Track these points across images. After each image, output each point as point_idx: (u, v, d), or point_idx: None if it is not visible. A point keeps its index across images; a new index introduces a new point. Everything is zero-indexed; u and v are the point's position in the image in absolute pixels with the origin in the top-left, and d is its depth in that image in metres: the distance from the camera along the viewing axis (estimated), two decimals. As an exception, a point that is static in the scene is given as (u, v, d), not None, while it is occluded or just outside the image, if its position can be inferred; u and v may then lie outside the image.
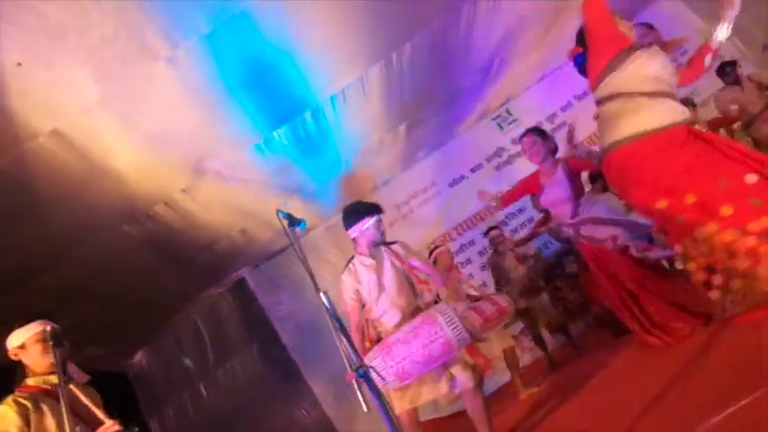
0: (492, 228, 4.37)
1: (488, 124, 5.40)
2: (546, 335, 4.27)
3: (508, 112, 5.40)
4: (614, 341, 3.37)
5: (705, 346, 2.10)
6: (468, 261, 5.12)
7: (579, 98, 5.27)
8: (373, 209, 2.48)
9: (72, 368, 1.86)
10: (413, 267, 2.47)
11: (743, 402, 1.40)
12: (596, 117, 2.05)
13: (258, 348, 4.83)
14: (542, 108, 5.28)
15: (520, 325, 4.52)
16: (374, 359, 2.14)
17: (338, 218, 5.50)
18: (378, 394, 1.40)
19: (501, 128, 5.40)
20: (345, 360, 1.44)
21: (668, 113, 1.85)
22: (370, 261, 2.43)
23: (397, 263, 2.45)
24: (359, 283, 2.40)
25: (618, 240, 2.49)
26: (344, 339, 1.49)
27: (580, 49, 2.08)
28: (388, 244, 2.53)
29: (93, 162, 2.65)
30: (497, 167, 5.29)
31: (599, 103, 2.01)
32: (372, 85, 3.51)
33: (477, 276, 5.00)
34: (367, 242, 2.45)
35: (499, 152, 5.33)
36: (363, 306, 2.43)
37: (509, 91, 5.22)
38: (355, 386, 1.39)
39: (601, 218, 2.60)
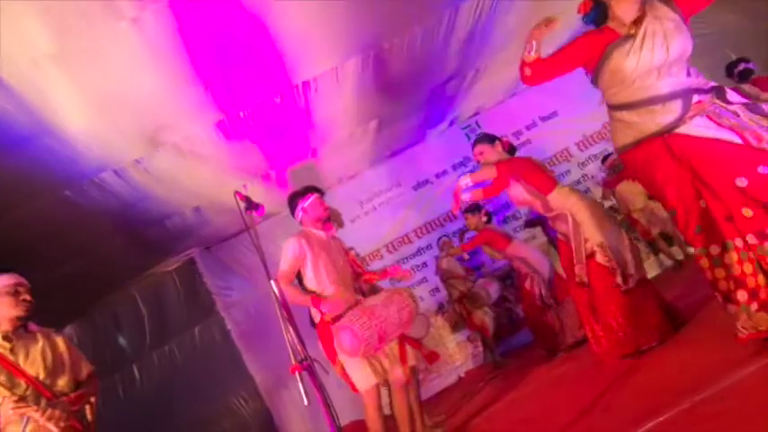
0: (444, 236, 4.54)
1: (457, 132, 5.51)
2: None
3: (477, 123, 5.53)
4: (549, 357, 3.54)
5: (636, 363, 2.24)
6: (425, 264, 5.19)
7: (544, 119, 5.49)
8: (312, 188, 2.52)
9: (33, 327, 1.83)
10: (354, 259, 2.60)
11: (662, 418, 1.50)
12: None
13: (200, 333, 4.66)
14: (510, 123, 5.44)
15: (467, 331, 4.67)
16: (358, 319, 2.09)
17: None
18: (320, 388, 1.39)
19: (468, 138, 5.51)
20: (291, 351, 1.42)
21: None
22: (319, 234, 2.42)
23: (343, 253, 2.52)
24: (309, 251, 2.31)
25: (587, 244, 2.45)
26: (292, 330, 1.47)
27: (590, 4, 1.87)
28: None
29: (38, 118, 2.47)
30: (462, 176, 5.39)
31: None
32: (347, 78, 3.48)
33: (430, 280, 5.08)
34: (313, 219, 2.45)
35: (465, 161, 5.45)
36: (298, 278, 2.36)
37: (480, 103, 5.34)
38: (298, 378, 1.38)
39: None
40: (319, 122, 3.88)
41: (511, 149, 2.88)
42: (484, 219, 3.90)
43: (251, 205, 1.79)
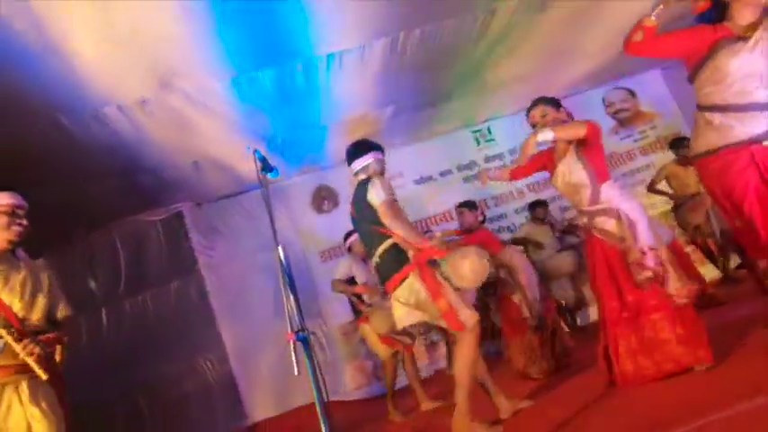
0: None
1: (467, 135, 5.46)
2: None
3: (489, 130, 5.49)
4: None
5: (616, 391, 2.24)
6: (411, 259, 5.16)
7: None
8: (376, 145, 2.56)
9: (20, 254, 1.73)
10: None
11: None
12: None
13: (177, 289, 4.55)
14: (520, 136, 5.35)
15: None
16: (477, 253, 2.12)
17: (300, 179, 5.39)
18: (312, 361, 1.35)
19: (478, 142, 5.48)
20: (288, 319, 1.37)
21: None
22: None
23: None
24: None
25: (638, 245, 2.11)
26: (292, 298, 1.42)
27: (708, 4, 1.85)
28: None
29: (50, 39, 2.35)
30: (465, 179, 5.36)
31: None
32: (373, 58, 3.39)
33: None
34: (376, 171, 2.53)
35: (471, 165, 5.41)
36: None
37: (495, 110, 5.29)
38: (291, 347, 1.34)
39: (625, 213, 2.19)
40: (336, 99, 3.78)
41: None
42: (480, 218, 3.69)
43: (266, 166, 1.72)
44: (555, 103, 2.48)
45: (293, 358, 1.33)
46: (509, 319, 3.48)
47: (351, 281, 3.67)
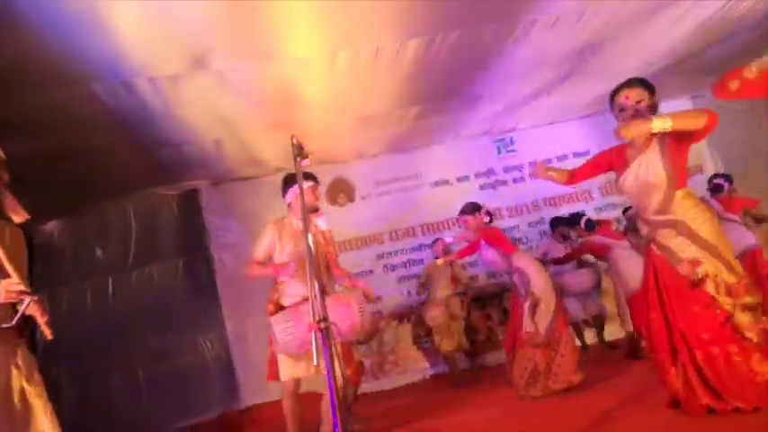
0: (437, 240, 4.48)
1: (489, 143, 5.44)
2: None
3: (511, 140, 5.46)
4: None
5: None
6: (422, 261, 5.10)
7: (577, 155, 5.42)
8: (308, 175, 2.55)
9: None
10: (332, 253, 2.58)
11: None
12: None
13: (185, 265, 4.57)
14: (541, 150, 5.34)
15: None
16: (285, 321, 2.25)
17: (317, 168, 5.34)
18: (330, 352, 1.35)
19: (498, 151, 5.46)
20: (311, 309, 1.37)
21: None
22: (299, 226, 2.48)
23: (322, 243, 2.53)
24: (279, 239, 2.48)
25: (698, 268, 1.87)
26: (317, 287, 1.41)
27: None
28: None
29: (96, 14, 2.35)
30: (482, 187, 5.34)
31: None
32: (407, 56, 3.36)
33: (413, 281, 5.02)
34: (299, 208, 2.45)
35: (489, 173, 5.39)
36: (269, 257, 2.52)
37: (520, 121, 5.26)
38: (313, 337, 1.34)
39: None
40: (364, 94, 3.76)
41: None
42: (486, 219, 3.40)
43: (301, 153, 1.71)
44: (651, 89, 2.05)
45: (313, 348, 1.34)
46: (512, 331, 3.29)
47: None
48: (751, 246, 3.82)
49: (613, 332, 4.37)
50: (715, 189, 4.22)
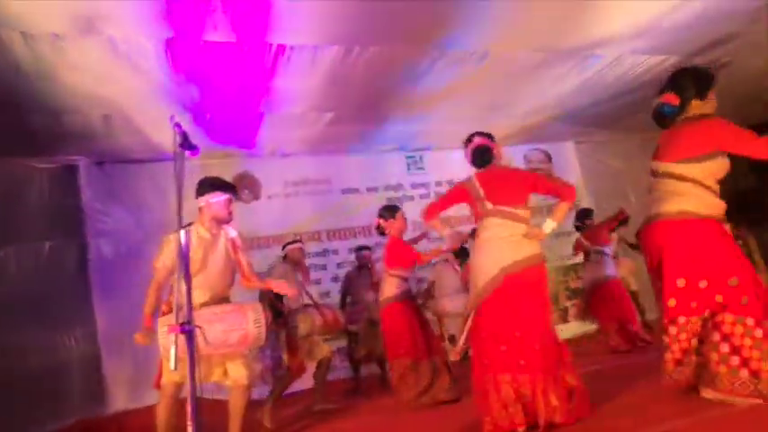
0: (365, 248, 4.49)
1: (400, 159, 5.64)
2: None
3: (421, 158, 5.72)
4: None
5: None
6: (324, 267, 5.12)
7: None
8: (229, 187, 2.51)
9: None
10: (242, 262, 2.55)
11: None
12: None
13: (51, 250, 3.98)
14: (450, 171, 5.66)
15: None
16: (168, 323, 2.13)
17: (222, 161, 5.08)
18: (193, 356, 1.27)
19: (408, 168, 5.68)
20: (175, 310, 1.29)
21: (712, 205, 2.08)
22: (206, 235, 2.44)
23: (231, 251, 2.50)
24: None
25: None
26: (185, 288, 1.33)
27: (676, 101, 2.13)
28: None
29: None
30: (389, 199, 5.49)
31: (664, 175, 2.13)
32: (323, 61, 3.37)
33: (324, 284, 5.02)
34: (211, 216, 2.46)
35: (398, 187, 5.58)
36: (172, 273, 2.37)
37: (431, 143, 5.53)
38: (172, 339, 1.25)
39: None
40: (277, 91, 3.69)
41: None
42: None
43: (186, 143, 1.60)
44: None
45: (172, 352, 1.25)
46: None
47: None
48: (608, 276, 4.43)
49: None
50: (578, 229, 4.82)
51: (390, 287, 3.32)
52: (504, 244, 2.24)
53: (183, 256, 1.41)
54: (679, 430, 1.81)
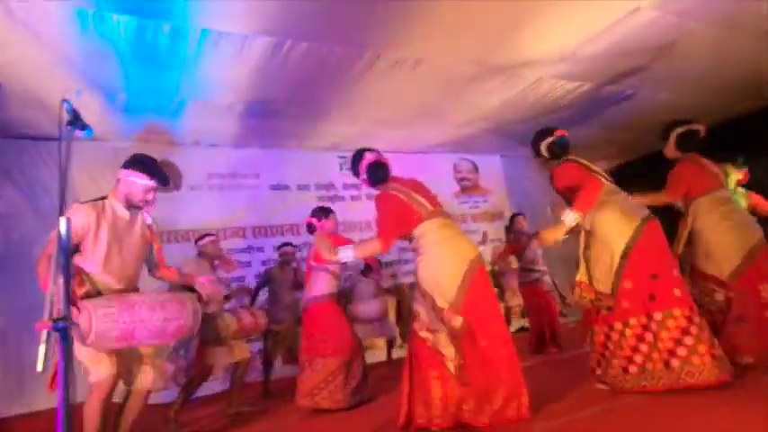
0: (288, 244, 4.34)
1: (332, 158, 5.59)
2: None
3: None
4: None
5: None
6: (249, 264, 4.91)
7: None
8: (163, 177, 2.27)
9: None
10: (161, 251, 2.38)
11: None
12: None
13: None
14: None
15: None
16: (106, 306, 1.92)
17: (139, 145, 4.71)
18: (67, 358, 1.13)
19: (341, 168, 5.65)
20: (48, 304, 1.14)
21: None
22: (124, 215, 2.17)
23: (148, 236, 2.29)
24: (97, 227, 2.06)
25: None
26: (62, 280, 1.19)
27: None
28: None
29: None
30: (320, 198, 5.43)
31: None
32: (252, 52, 3.26)
33: (248, 281, 4.82)
34: (127, 195, 2.18)
35: (329, 186, 5.52)
36: (78, 250, 2.07)
37: (367, 142, 5.49)
38: (43, 338, 1.10)
39: None
40: (200, 77, 3.49)
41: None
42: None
43: (76, 122, 1.44)
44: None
45: (41, 351, 1.09)
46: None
47: None
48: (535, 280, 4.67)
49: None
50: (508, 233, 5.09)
51: (321, 285, 3.22)
52: (463, 239, 2.29)
53: (63, 246, 1.25)
54: (579, 421, 1.95)
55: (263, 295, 4.30)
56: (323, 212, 3.44)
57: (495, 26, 3.46)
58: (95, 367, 1.97)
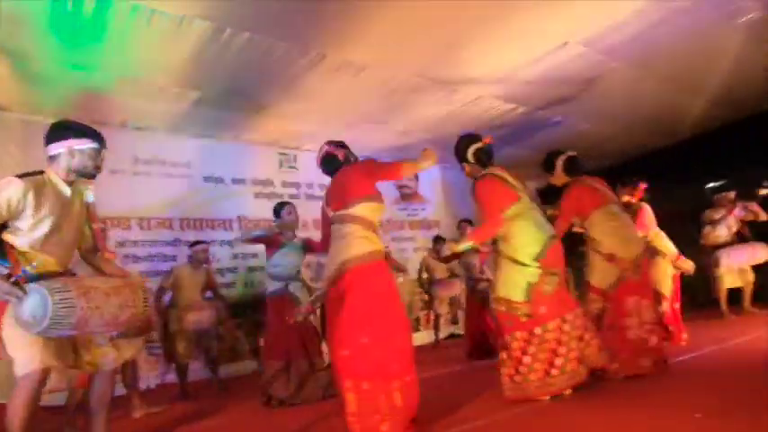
0: (202, 242, 4.07)
1: (272, 154, 5.46)
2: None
3: (294, 158, 5.62)
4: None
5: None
6: (174, 258, 4.59)
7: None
8: (98, 136, 1.98)
9: None
10: (99, 233, 2.12)
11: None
12: None
13: None
14: (323, 175, 5.66)
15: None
16: (63, 290, 1.69)
17: (43, 120, 4.31)
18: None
19: (280, 165, 5.54)
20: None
21: None
22: (65, 192, 1.91)
23: (89, 218, 2.05)
24: (38, 203, 1.81)
25: None
26: None
27: None
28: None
29: None
30: (257, 195, 5.28)
31: None
32: (189, 35, 3.10)
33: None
34: (73, 167, 1.90)
35: (267, 183, 5.38)
36: (7, 226, 1.83)
37: (305, 142, 5.45)
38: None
39: None
40: (129, 54, 3.26)
41: None
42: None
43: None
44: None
45: None
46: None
47: None
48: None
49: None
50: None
51: (272, 282, 3.30)
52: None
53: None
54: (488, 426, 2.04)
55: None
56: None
57: (439, 41, 3.59)
58: (27, 357, 1.72)
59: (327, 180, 2.56)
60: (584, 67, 4.21)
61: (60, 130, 1.93)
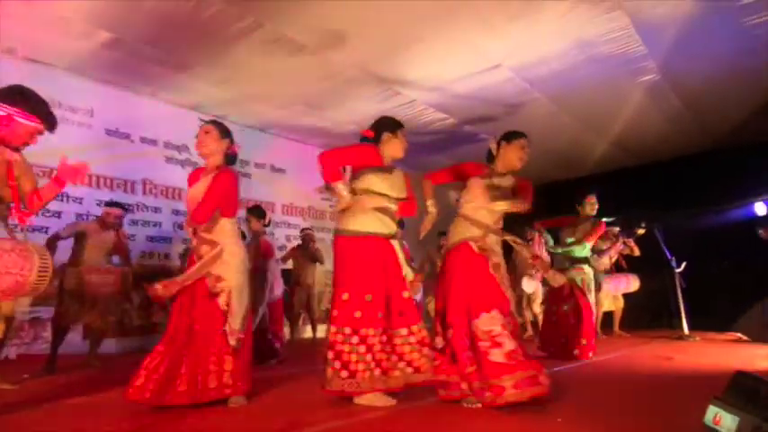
0: (117, 204, 3.62)
1: (193, 119, 4.86)
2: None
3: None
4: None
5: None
6: (58, 214, 4.08)
7: (276, 170, 5.79)
8: (49, 118, 1.99)
9: None
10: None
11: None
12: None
13: None
14: (245, 150, 5.37)
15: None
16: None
17: None
18: None
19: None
20: None
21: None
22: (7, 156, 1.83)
23: (10, 173, 1.89)
24: None
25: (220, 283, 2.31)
26: None
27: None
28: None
29: None
30: (168, 158, 4.90)
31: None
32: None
33: (51, 232, 3.99)
34: (6, 138, 1.87)
35: (181, 149, 5.01)
36: None
37: (234, 112, 5.14)
38: None
39: None
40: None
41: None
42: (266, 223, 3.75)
43: None
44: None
45: None
46: None
47: None
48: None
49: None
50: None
51: None
52: None
53: None
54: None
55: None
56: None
57: (383, 38, 3.60)
58: None
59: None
60: (512, 93, 4.49)
61: (9, 93, 1.88)
